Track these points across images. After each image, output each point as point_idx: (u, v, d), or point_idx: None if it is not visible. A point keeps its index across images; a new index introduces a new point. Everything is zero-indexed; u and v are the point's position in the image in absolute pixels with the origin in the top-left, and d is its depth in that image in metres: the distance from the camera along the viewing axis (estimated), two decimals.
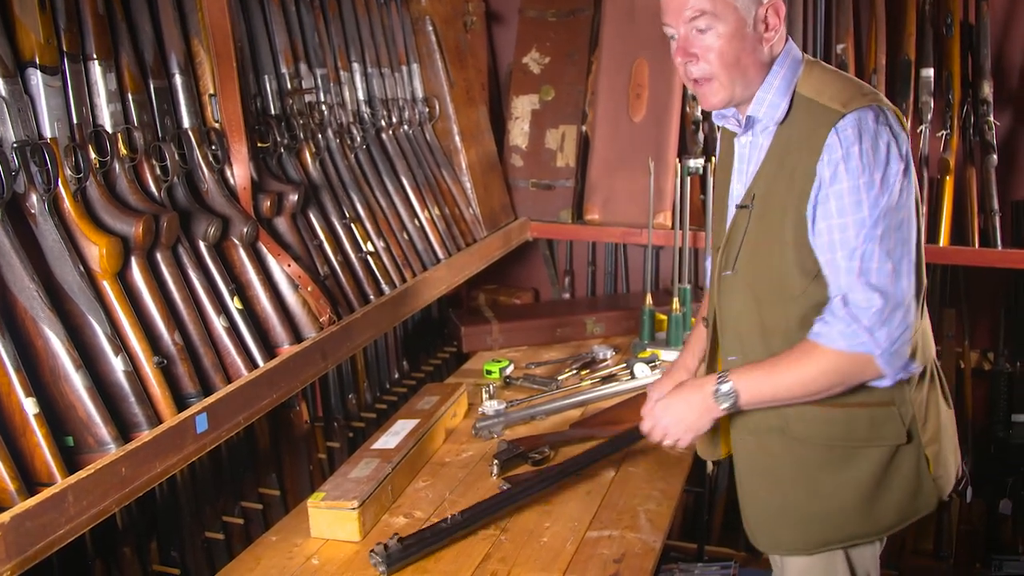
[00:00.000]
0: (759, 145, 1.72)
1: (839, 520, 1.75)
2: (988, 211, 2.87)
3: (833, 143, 1.57)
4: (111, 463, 1.45)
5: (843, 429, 1.71)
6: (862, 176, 1.56)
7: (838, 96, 1.61)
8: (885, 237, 1.57)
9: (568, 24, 3.30)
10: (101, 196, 1.64)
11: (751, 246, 1.72)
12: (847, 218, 1.58)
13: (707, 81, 1.66)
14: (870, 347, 1.58)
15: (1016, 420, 3.17)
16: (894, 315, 1.58)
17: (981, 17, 2.90)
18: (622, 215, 3.17)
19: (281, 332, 1.94)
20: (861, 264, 1.57)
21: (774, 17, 1.63)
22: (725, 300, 1.80)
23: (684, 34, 1.65)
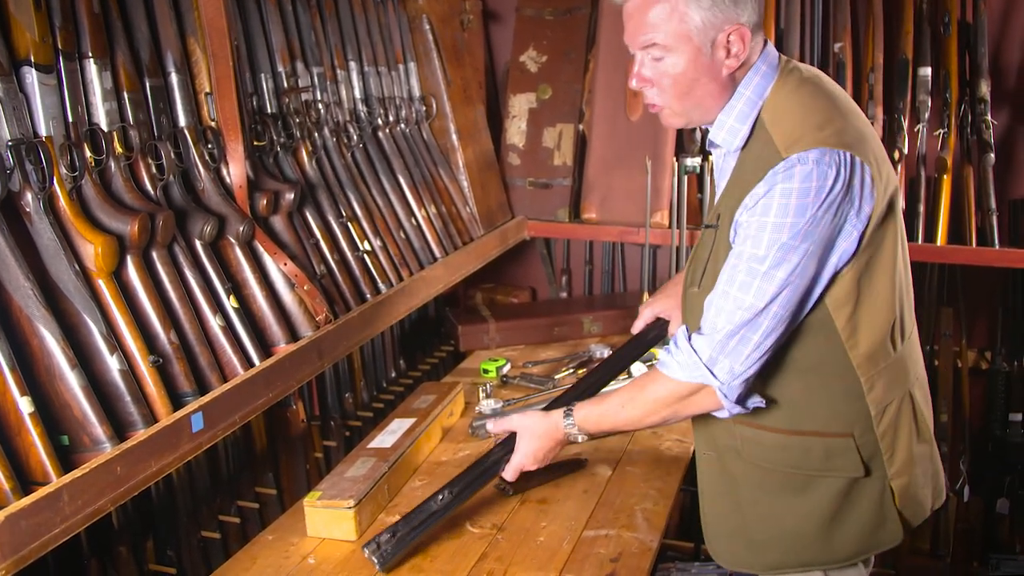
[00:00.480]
0: (728, 164, 1.69)
1: (795, 545, 1.72)
2: (986, 210, 2.87)
3: (765, 181, 1.51)
4: (106, 462, 1.44)
5: (797, 457, 1.67)
6: (773, 216, 1.50)
7: (789, 133, 1.54)
8: (767, 277, 1.52)
9: (565, 23, 3.30)
10: (96, 195, 1.64)
11: (714, 266, 1.65)
12: (745, 247, 1.54)
13: (661, 108, 1.63)
14: (708, 379, 1.58)
15: (1013, 419, 3.17)
16: (740, 351, 1.55)
17: (978, 16, 2.90)
18: (619, 214, 3.17)
19: (277, 331, 1.93)
20: (734, 292, 1.54)
21: (738, 43, 1.55)
22: (689, 317, 1.74)
23: (639, 59, 1.60)
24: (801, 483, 1.68)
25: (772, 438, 1.68)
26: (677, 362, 1.61)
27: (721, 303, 1.56)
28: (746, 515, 1.75)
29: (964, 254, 2.88)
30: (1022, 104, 2.96)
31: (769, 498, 1.72)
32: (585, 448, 2.31)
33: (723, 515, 1.80)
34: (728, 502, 1.78)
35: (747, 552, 1.78)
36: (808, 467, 1.67)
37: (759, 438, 1.69)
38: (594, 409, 1.78)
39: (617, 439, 2.36)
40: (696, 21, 1.52)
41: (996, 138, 2.92)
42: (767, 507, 1.72)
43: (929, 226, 2.88)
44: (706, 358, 1.57)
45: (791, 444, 1.67)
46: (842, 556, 1.71)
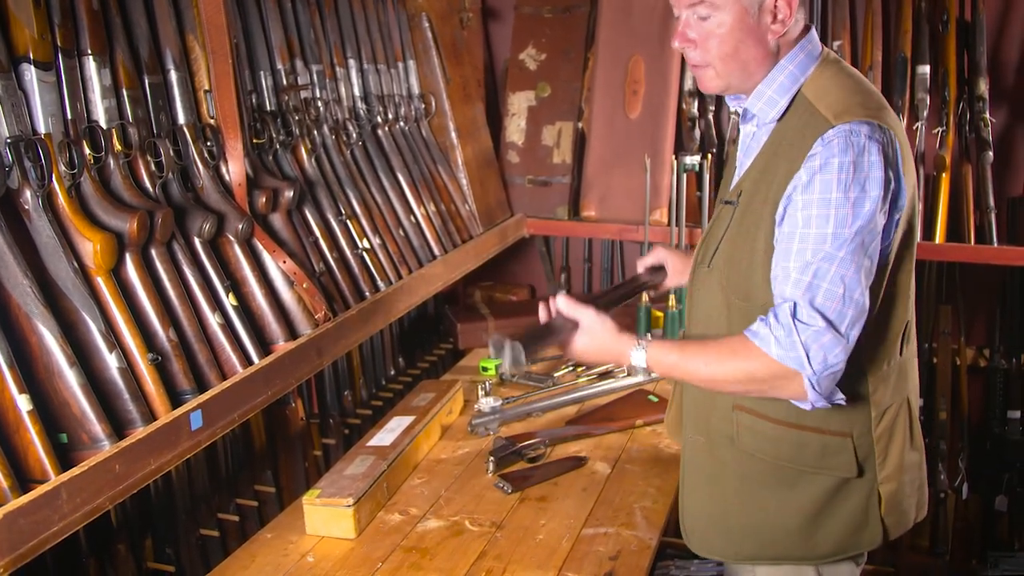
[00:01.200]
0: (758, 139, 1.65)
1: (773, 538, 1.71)
2: (984, 208, 2.87)
3: (816, 152, 1.49)
4: (105, 460, 1.44)
5: (792, 450, 1.65)
6: (836, 191, 1.47)
7: (836, 105, 1.53)
8: (844, 261, 1.48)
9: (564, 20, 3.30)
10: (95, 192, 1.63)
11: (730, 243, 1.64)
12: (810, 230, 1.49)
13: (703, 67, 1.61)
14: (802, 365, 1.50)
15: (1012, 416, 3.17)
16: (835, 344, 1.49)
17: (977, 14, 2.90)
18: (618, 212, 3.17)
19: (276, 329, 1.93)
20: (812, 280, 1.49)
21: (784, 8, 1.54)
22: (697, 296, 1.74)
23: (685, 19, 1.59)
24: (791, 477, 1.67)
25: (771, 429, 1.65)
26: (775, 337, 1.50)
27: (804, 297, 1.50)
28: (728, 504, 1.73)
29: (963, 252, 2.88)
30: (1020, 102, 2.96)
31: (756, 489, 1.70)
32: (584, 446, 2.31)
33: (704, 502, 1.79)
34: (710, 489, 1.76)
35: (721, 540, 1.77)
36: (801, 462, 1.65)
37: (757, 427, 1.66)
38: (671, 353, 1.66)
39: (616, 437, 2.36)
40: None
41: (994, 136, 2.93)
42: (752, 498, 1.70)
43: (928, 224, 2.88)
44: (804, 343, 1.49)
45: (788, 437, 1.65)
46: (820, 553, 1.70)
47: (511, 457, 2.22)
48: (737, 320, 1.64)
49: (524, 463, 2.22)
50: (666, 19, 3.13)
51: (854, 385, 1.61)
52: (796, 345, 1.49)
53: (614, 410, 2.49)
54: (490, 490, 2.11)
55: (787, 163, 1.54)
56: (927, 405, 3.20)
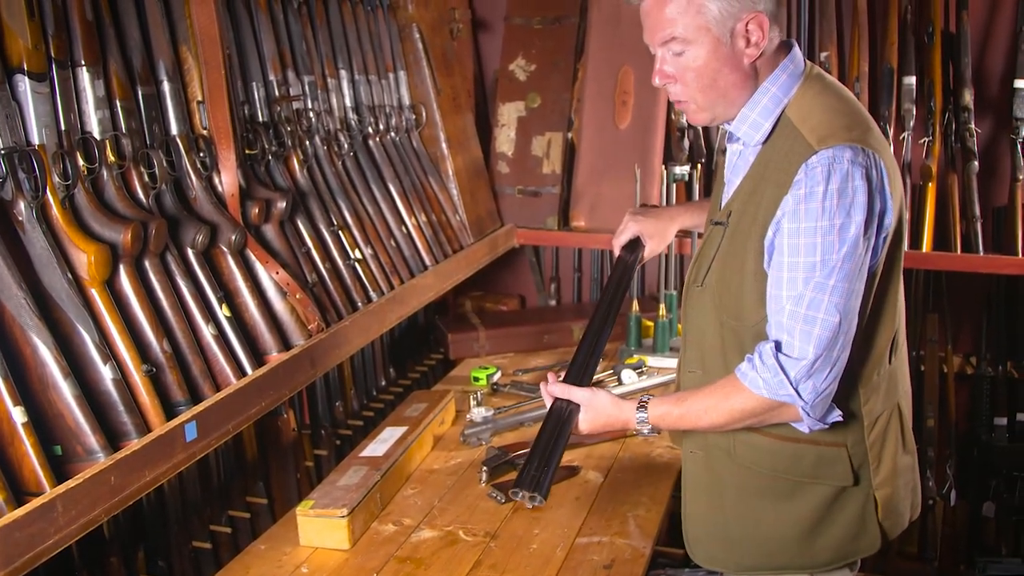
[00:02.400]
0: (745, 158, 1.66)
1: (774, 549, 1.73)
2: (970, 217, 2.89)
3: (800, 179, 1.50)
4: (100, 472, 1.44)
5: (788, 462, 1.67)
6: (821, 220, 1.48)
7: (819, 128, 1.53)
8: (835, 290, 1.50)
9: (554, 31, 3.31)
10: (89, 203, 1.63)
11: (720, 264, 1.66)
12: (799, 259, 1.51)
13: (686, 102, 1.61)
14: (793, 399, 1.54)
15: (998, 423, 3.19)
16: (823, 369, 1.52)
17: (962, 26, 2.92)
18: (608, 221, 3.17)
19: (269, 340, 1.93)
20: (807, 311, 1.51)
21: (756, 31, 1.53)
22: (691, 315, 1.76)
23: (660, 55, 1.58)
24: (788, 489, 1.69)
25: (766, 442, 1.67)
26: (763, 379, 1.54)
27: (793, 324, 1.52)
28: (728, 516, 1.75)
29: (949, 261, 2.90)
30: (1004, 113, 2.98)
31: (754, 501, 1.72)
32: (576, 455, 2.31)
33: (704, 514, 1.80)
34: (710, 502, 1.78)
35: (723, 552, 1.79)
36: (798, 473, 1.67)
37: (753, 441, 1.68)
38: (673, 409, 1.68)
39: (608, 446, 2.37)
40: (713, 12, 1.51)
41: (979, 146, 2.94)
42: (750, 509, 1.73)
43: (915, 233, 2.89)
44: (792, 380, 1.52)
45: (783, 450, 1.67)
46: (820, 562, 1.72)
47: (504, 467, 2.22)
48: (729, 339, 1.67)
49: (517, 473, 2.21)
50: None
51: (846, 400, 1.63)
52: (784, 384, 1.52)
53: None
54: (483, 500, 2.11)
55: (774, 186, 1.54)
56: (915, 413, 3.21)
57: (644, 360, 2.83)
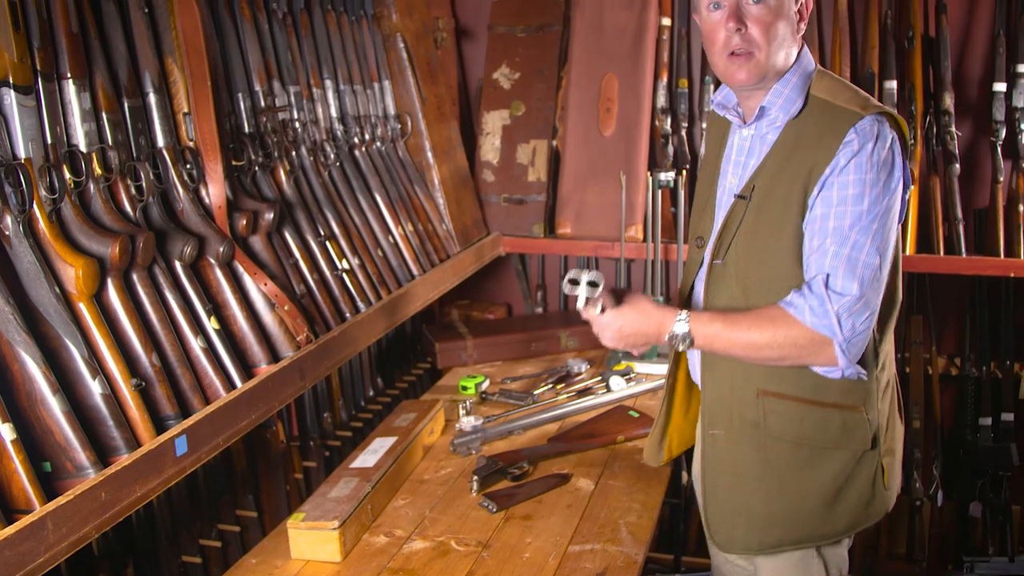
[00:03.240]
0: (765, 139, 1.76)
1: (796, 521, 1.79)
2: (952, 219, 2.92)
3: (852, 139, 1.63)
4: (90, 488, 1.42)
5: (816, 428, 1.75)
6: (870, 172, 1.62)
7: (854, 100, 1.68)
8: (876, 236, 1.63)
9: (537, 39, 3.32)
10: (76, 217, 1.62)
11: (745, 236, 1.74)
12: (846, 207, 1.63)
13: (747, 55, 1.70)
14: (833, 332, 1.63)
15: (983, 424, 3.22)
16: (863, 311, 1.63)
17: (941, 31, 2.95)
18: (594, 229, 3.19)
19: (258, 352, 1.92)
20: (851, 252, 1.62)
21: (806, 9, 1.73)
22: (712, 289, 1.81)
23: (733, 3, 1.68)
24: (812, 457, 1.76)
25: (795, 408, 1.75)
26: (809, 307, 1.64)
27: (836, 263, 1.63)
28: (751, 493, 1.81)
29: (933, 263, 2.93)
30: (984, 116, 3.01)
31: (778, 474, 1.78)
32: (567, 463, 2.31)
33: (726, 496, 1.85)
34: (733, 483, 1.83)
35: (745, 532, 1.83)
36: (825, 439, 1.75)
37: (783, 408, 1.76)
38: (714, 322, 1.73)
39: (598, 453, 2.36)
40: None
41: (960, 149, 2.98)
42: (776, 483, 1.79)
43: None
44: (836, 312, 1.62)
45: (812, 415, 1.75)
46: (837, 531, 1.81)
47: (495, 476, 2.21)
48: (756, 302, 1.74)
49: (508, 481, 2.21)
50: (638, 37, 3.16)
51: (867, 360, 1.73)
52: (829, 313, 1.62)
53: (595, 426, 2.49)
54: (475, 509, 2.11)
55: (813, 153, 1.66)
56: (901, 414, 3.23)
57: (632, 366, 2.83)
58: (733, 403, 1.81)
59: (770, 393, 1.76)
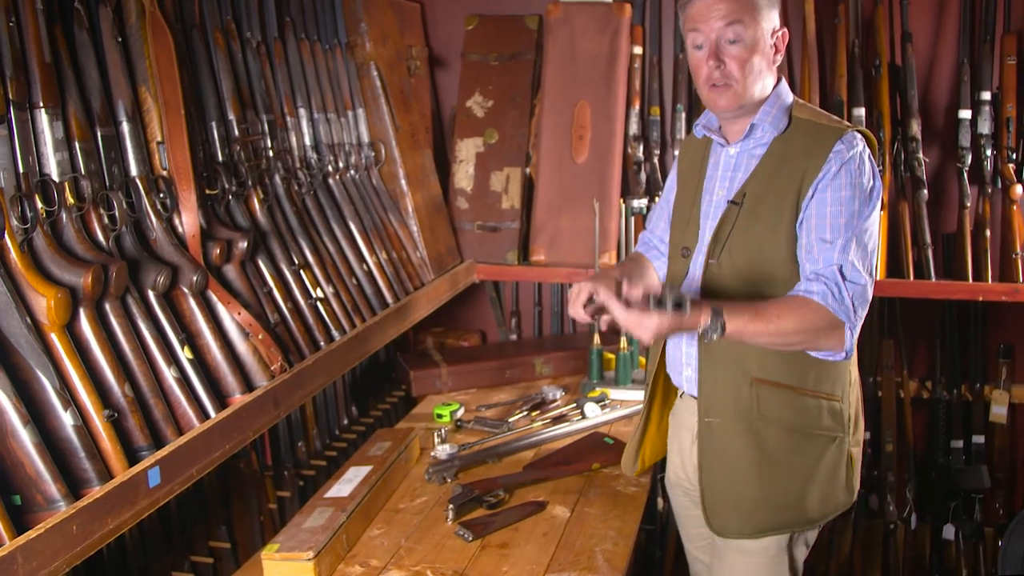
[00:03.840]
0: (753, 155, 1.93)
1: (782, 504, 1.94)
2: (921, 244, 2.96)
3: (841, 149, 1.82)
4: (62, 521, 1.40)
5: (804, 414, 1.91)
6: (859, 178, 1.82)
7: (832, 120, 1.91)
8: (868, 233, 1.83)
9: (510, 67, 3.34)
10: (48, 246, 1.61)
11: (740, 236, 1.89)
12: (840, 207, 1.81)
13: (725, 86, 1.87)
14: (849, 316, 1.79)
15: (955, 446, 3.25)
16: (866, 302, 1.83)
17: (907, 58, 3.00)
18: (568, 255, 3.20)
19: (232, 381, 1.91)
20: (854, 246, 1.80)
21: (781, 43, 1.90)
22: (709, 286, 1.94)
23: (714, 40, 1.85)
24: (799, 442, 1.92)
25: (787, 395, 1.90)
26: (831, 292, 1.78)
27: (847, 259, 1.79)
28: (743, 480, 1.93)
29: (903, 287, 2.96)
30: (950, 142, 3.06)
31: (768, 457, 1.92)
32: (543, 491, 2.31)
33: (721, 482, 1.96)
34: (727, 469, 1.95)
35: (737, 518, 1.96)
36: (811, 425, 1.92)
37: (776, 396, 1.90)
38: (743, 311, 1.79)
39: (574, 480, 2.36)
40: (765, 14, 1.85)
41: (928, 175, 3.02)
42: (766, 467, 1.92)
43: None
44: (852, 299, 1.79)
45: (801, 402, 1.91)
46: (811, 517, 1.96)
47: (470, 504, 2.21)
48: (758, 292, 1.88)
49: (483, 510, 2.21)
50: (610, 65, 3.19)
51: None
52: (846, 299, 1.79)
53: (571, 453, 2.49)
54: (451, 538, 2.10)
55: (803, 163, 1.84)
56: (874, 438, 3.26)
57: (607, 393, 2.84)
58: (728, 391, 1.93)
59: (764, 381, 1.90)
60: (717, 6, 1.84)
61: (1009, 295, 2.85)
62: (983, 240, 2.95)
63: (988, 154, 2.97)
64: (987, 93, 2.96)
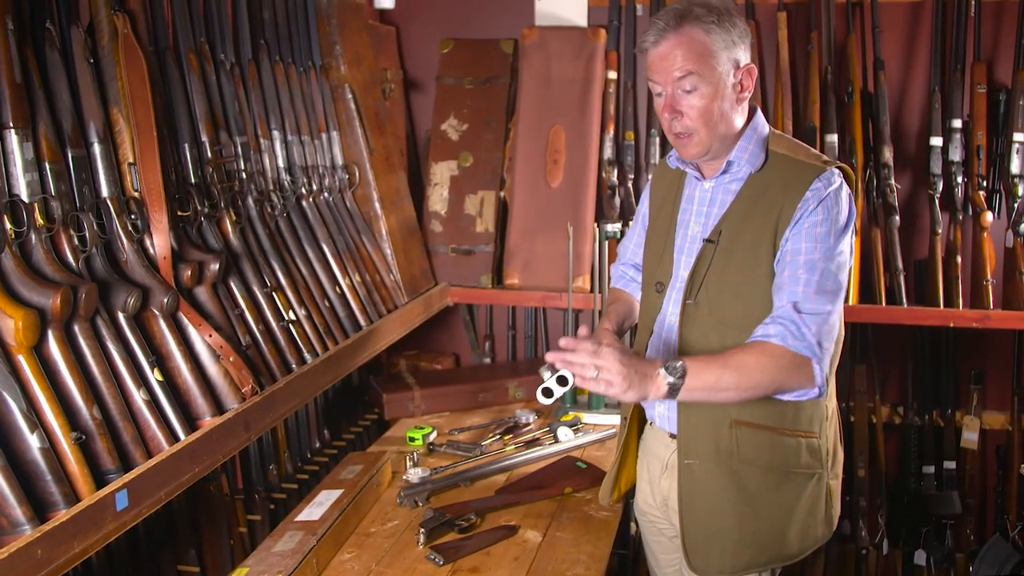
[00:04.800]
0: (729, 190, 1.91)
1: (765, 542, 1.92)
2: (893, 270, 2.98)
3: (818, 187, 1.80)
4: (26, 546, 1.39)
5: (784, 454, 1.90)
6: (835, 212, 1.80)
7: (810, 156, 1.88)
8: (839, 270, 1.81)
9: (485, 91, 3.35)
10: (17, 267, 1.59)
11: (716, 276, 1.87)
12: (816, 243, 1.79)
13: (688, 136, 1.85)
14: (812, 351, 1.77)
15: (926, 471, 3.27)
16: (832, 332, 1.81)
17: (879, 86, 3.04)
18: (541, 279, 3.20)
19: (202, 404, 1.89)
20: (820, 278, 1.77)
21: (748, 79, 1.85)
22: (687, 328, 1.92)
23: (671, 92, 1.83)
24: (779, 479, 1.91)
25: (766, 436, 1.89)
26: (790, 332, 1.76)
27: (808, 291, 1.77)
28: (726, 518, 1.92)
29: (875, 313, 2.98)
30: (922, 169, 3.09)
31: (749, 497, 1.90)
32: (515, 515, 2.30)
33: (703, 521, 1.94)
34: (710, 509, 1.93)
35: (719, 556, 1.94)
36: (791, 464, 1.91)
37: (755, 437, 1.88)
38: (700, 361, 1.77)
39: (545, 504, 2.36)
40: (722, 59, 1.80)
41: (900, 201, 3.05)
42: (748, 506, 1.90)
43: None
44: (813, 333, 1.76)
45: (780, 442, 1.89)
46: (791, 552, 1.95)
47: (442, 528, 2.19)
48: (731, 336, 1.86)
49: (455, 534, 2.19)
50: (585, 89, 3.21)
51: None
52: (806, 335, 1.76)
53: (543, 477, 2.49)
54: (422, 563, 2.08)
55: (780, 200, 1.83)
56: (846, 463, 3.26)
57: (580, 417, 2.83)
58: (709, 433, 1.91)
59: (743, 423, 1.88)
60: (670, 57, 1.81)
61: (980, 321, 2.88)
62: (954, 266, 2.98)
63: (959, 181, 3.01)
64: (958, 121, 3.01)
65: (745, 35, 1.84)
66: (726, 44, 1.80)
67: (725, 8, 1.82)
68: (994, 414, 3.24)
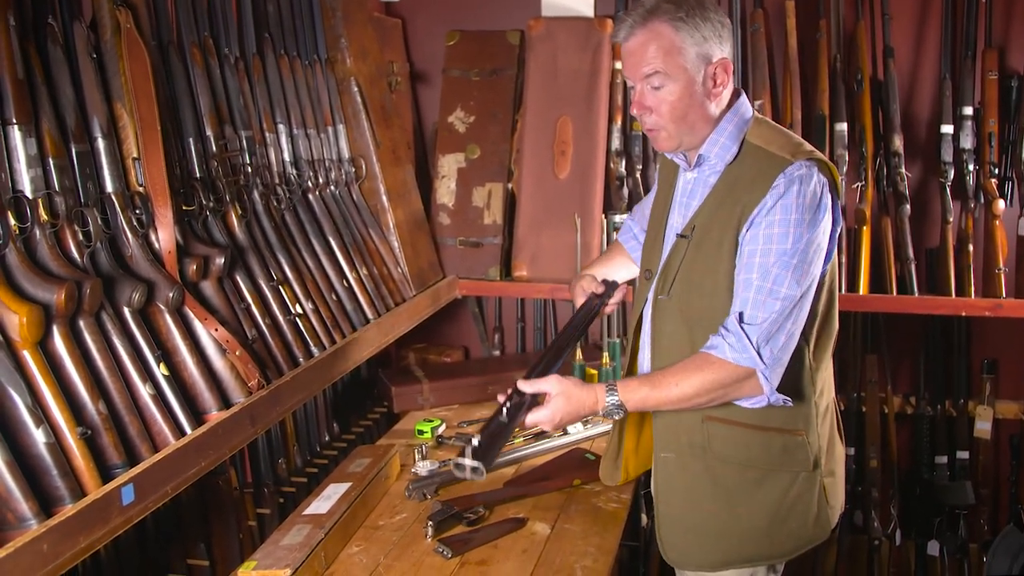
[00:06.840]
0: (707, 183, 1.88)
1: (745, 539, 1.90)
2: (904, 259, 2.96)
3: (779, 183, 1.75)
4: (32, 540, 1.39)
5: (759, 452, 1.87)
6: (795, 214, 1.74)
7: (785, 148, 1.80)
8: (797, 270, 1.74)
9: (492, 83, 3.34)
10: (21, 263, 1.59)
11: (686, 272, 1.86)
12: (771, 245, 1.74)
13: (657, 131, 1.84)
14: (755, 362, 1.74)
15: (939, 462, 3.25)
16: (780, 335, 1.75)
17: (889, 73, 3.02)
18: (550, 271, 3.19)
19: (209, 398, 1.89)
20: (772, 285, 1.74)
21: (723, 74, 1.81)
22: (658, 323, 1.92)
23: (640, 89, 1.82)
24: (759, 478, 1.88)
25: (740, 433, 1.86)
26: (728, 344, 1.74)
27: (758, 297, 1.74)
28: (703, 513, 1.91)
29: (886, 302, 2.96)
30: (933, 157, 3.07)
31: (728, 493, 1.89)
32: (523, 507, 2.30)
33: (679, 516, 1.95)
34: (685, 502, 1.93)
35: (697, 550, 1.93)
36: (768, 462, 1.87)
37: (728, 434, 1.87)
38: (642, 386, 1.81)
39: (554, 496, 2.35)
40: (691, 55, 1.78)
41: (910, 190, 3.03)
42: (725, 502, 1.89)
43: (851, 276, 2.95)
44: (755, 343, 1.73)
45: (755, 439, 1.86)
46: (782, 551, 1.92)
47: (450, 521, 2.20)
48: (699, 335, 1.84)
49: (463, 526, 2.19)
50: (592, 80, 3.20)
51: (804, 387, 1.87)
52: (747, 347, 1.73)
53: (551, 470, 2.49)
54: (430, 555, 2.09)
55: (746, 196, 1.78)
56: (858, 454, 3.26)
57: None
58: (681, 428, 1.91)
59: (715, 419, 1.87)
60: (637, 54, 1.80)
61: (992, 310, 2.86)
62: (966, 255, 2.95)
63: (970, 169, 2.99)
64: (969, 108, 2.98)
65: (719, 29, 1.80)
66: (695, 40, 1.77)
67: (697, 2, 1.78)
68: (1007, 403, 3.22)
